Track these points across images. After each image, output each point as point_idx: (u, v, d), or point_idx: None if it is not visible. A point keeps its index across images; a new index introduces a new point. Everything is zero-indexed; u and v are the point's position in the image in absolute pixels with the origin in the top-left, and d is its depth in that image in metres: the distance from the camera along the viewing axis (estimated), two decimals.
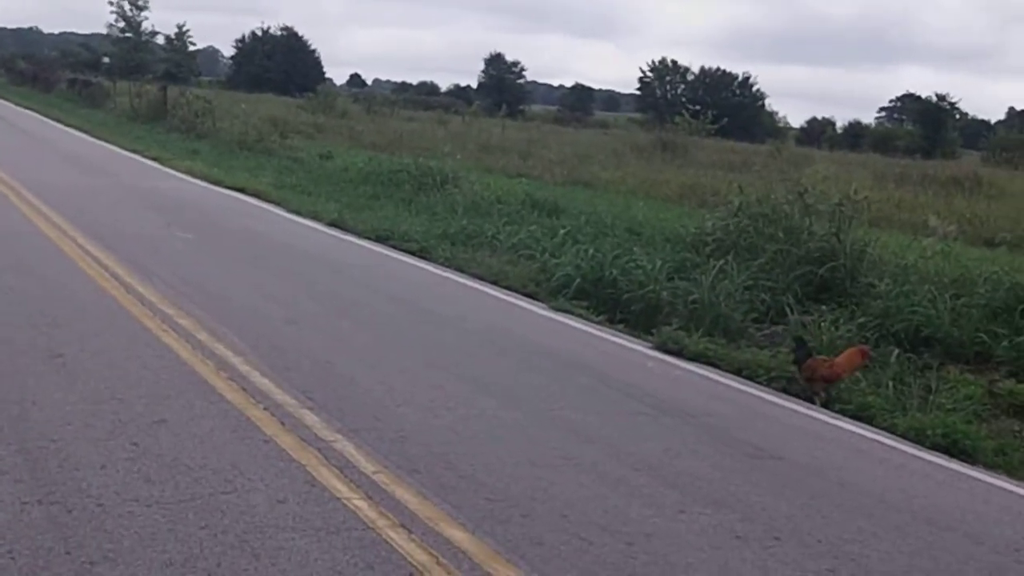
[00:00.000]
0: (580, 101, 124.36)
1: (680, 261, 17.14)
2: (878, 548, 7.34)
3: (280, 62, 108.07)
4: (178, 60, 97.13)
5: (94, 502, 6.71)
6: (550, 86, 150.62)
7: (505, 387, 10.59)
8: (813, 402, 11.45)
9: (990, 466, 10.09)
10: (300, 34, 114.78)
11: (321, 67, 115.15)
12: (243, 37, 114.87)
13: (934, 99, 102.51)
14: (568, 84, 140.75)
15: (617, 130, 78.00)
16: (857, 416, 11.17)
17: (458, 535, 6.73)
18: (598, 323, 14.48)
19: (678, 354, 12.95)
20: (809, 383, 11.77)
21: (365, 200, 24.88)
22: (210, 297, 13.20)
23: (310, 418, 8.75)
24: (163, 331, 11.17)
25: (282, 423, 8.55)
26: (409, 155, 32.89)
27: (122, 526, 6.40)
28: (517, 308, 15.04)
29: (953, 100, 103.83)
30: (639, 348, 13.28)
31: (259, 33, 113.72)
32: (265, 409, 8.87)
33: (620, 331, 14.23)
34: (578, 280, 16.03)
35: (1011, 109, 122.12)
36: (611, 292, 15.81)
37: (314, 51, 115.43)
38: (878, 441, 10.36)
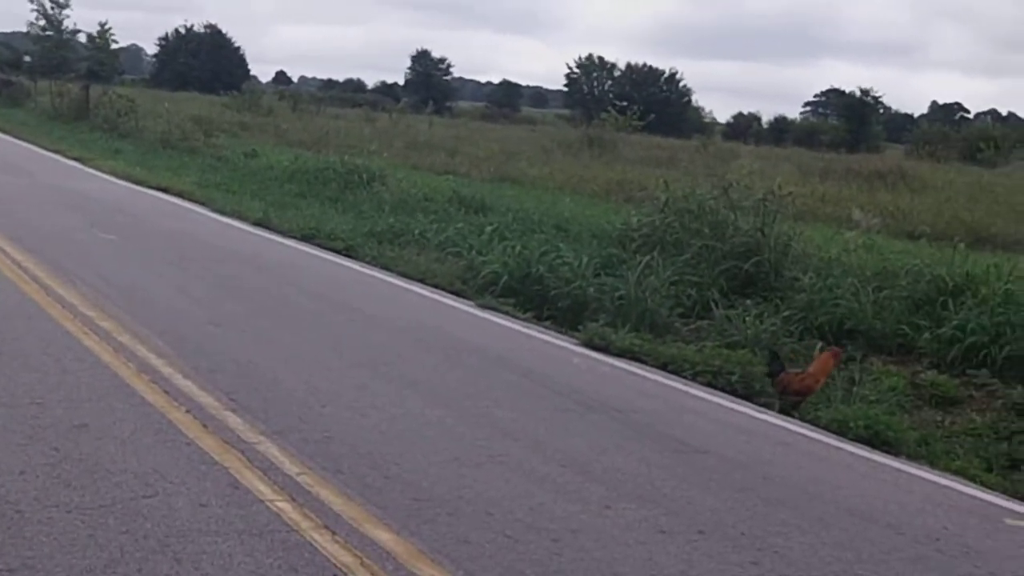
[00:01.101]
0: (508, 97, 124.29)
1: (607, 257, 17.20)
2: (801, 540, 7.40)
3: (204, 60, 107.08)
4: (100, 59, 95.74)
5: (12, 508, 6.60)
6: (477, 82, 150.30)
7: (431, 385, 10.57)
8: (791, 415, 11.20)
9: (912, 457, 10.21)
10: (224, 32, 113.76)
11: (246, 65, 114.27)
12: (167, 35, 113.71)
13: (858, 93, 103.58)
14: (495, 80, 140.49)
15: (545, 126, 78.11)
16: (781, 410, 11.25)
17: (383, 535, 6.69)
18: (525, 320, 14.50)
19: (604, 350, 12.98)
20: (783, 396, 11.67)
21: (291, 199, 24.74)
22: (132, 299, 13.05)
23: (233, 420, 8.67)
24: (84, 334, 11.03)
25: (205, 425, 8.46)
26: (335, 153, 32.75)
27: (42, 532, 6.30)
28: (444, 306, 15.01)
29: (877, 94, 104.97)
30: (566, 345, 13.31)
31: (183, 31, 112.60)
32: (187, 411, 8.78)
33: (547, 328, 14.25)
34: (505, 277, 16.04)
35: (934, 103, 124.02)
36: (538, 289, 15.84)
37: (239, 49, 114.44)
38: (802, 434, 10.45)
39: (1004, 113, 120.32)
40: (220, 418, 8.68)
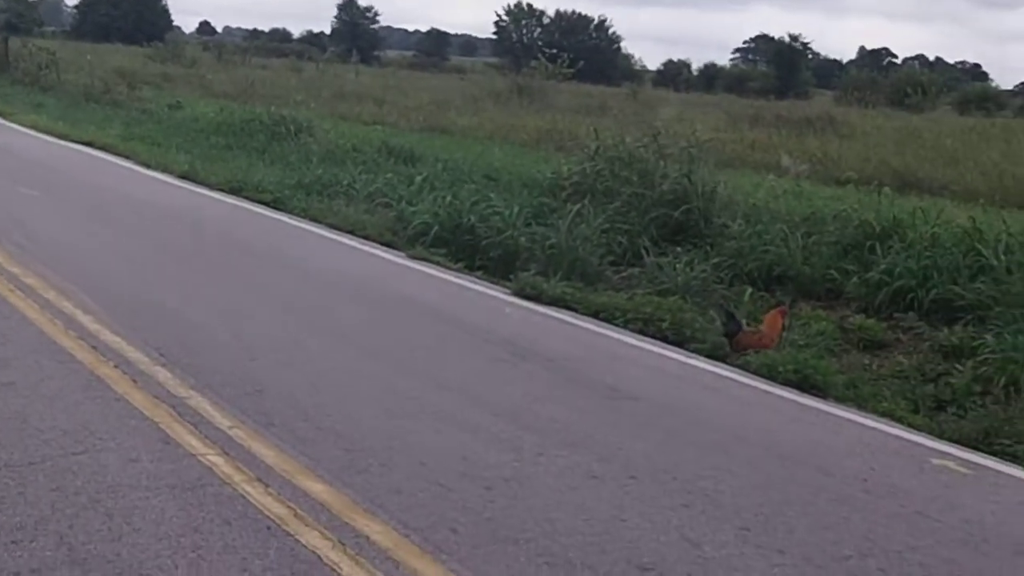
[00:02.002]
0: (436, 46, 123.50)
1: (538, 206, 17.18)
2: (731, 483, 7.49)
3: (127, 11, 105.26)
4: (19, 10, 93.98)
5: None
6: (405, 31, 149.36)
7: (363, 337, 10.55)
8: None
9: (840, 400, 10.33)
10: None
11: (169, 15, 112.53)
12: None
13: (787, 40, 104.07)
14: (424, 29, 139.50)
15: (474, 75, 77.67)
16: (712, 355, 11.33)
17: (316, 487, 6.69)
18: (456, 270, 14.48)
19: (536, 299, 13.00)
20: (741, 355, 11.59)
21: (217, 151, 24.47)
22: (58, 255, 12.88)
23: (163, 375, 8.60)
24: (9, 291, 10.87)
25: (134, 380, 8.40)
26: (262, 104, 32.42)
27: None
28: (375, 257, 14.95)
29: (805, 40, 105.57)
30: (498, 294, 13.31)
31: None
32: (116, 367, 8.70)
33: (479, 278, 14.25)
34: (436, 228, 15.99)
35: (862, 48, 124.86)
36: (469, 239, 15.81)
37: None
38: (732, 379, 10.55)
39: (931, 58, 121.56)
40: (150, 373, 8.61)
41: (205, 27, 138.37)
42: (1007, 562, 6.67)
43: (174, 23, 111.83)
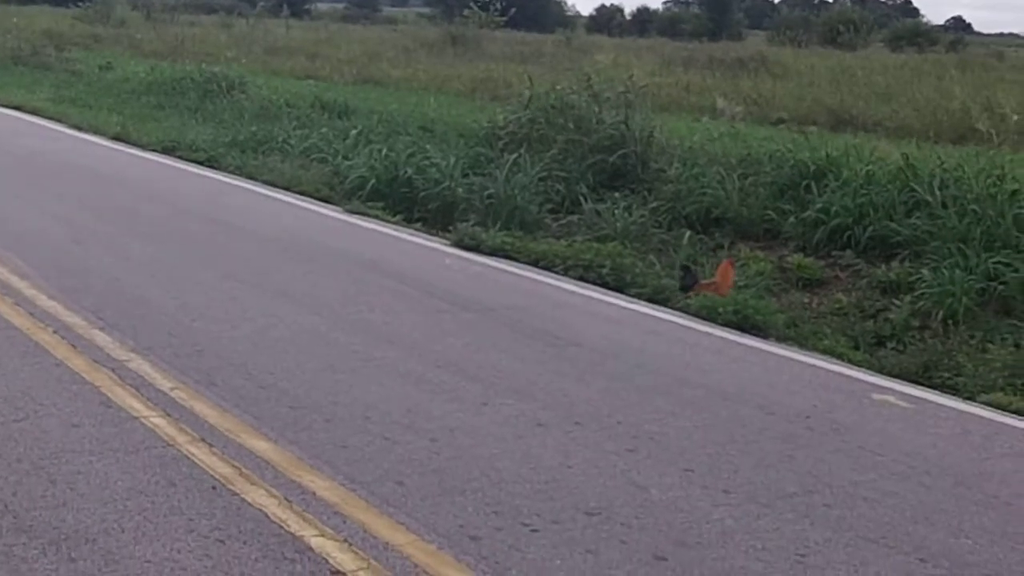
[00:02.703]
0: None
1: (475, 157, 17.13)
2: (675, 425, 7.54)
3: None
4: None
5: None
6: None
7: (303, 294, 10.49)
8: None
9: (781, 339, 10.43)
10: None
11: None
12: None
13: None
14: None
15: (406, 26, 77.00)
16: (652, 299, 11.39)
17: (261, 445, 6.67)
18: (395, 223, 14.43)
19: (476, 249, 12.99)
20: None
21: (149, 111, 24.18)
22: None
23: (101, 338, 8.53)
24: None
25: (73, 345, 8.32)
26: (193, 62, 31.94)
27: None
28: (312, 213, 14.86)
29: None
30: (437, 246, 13.29)
31: None
32: (54, 332, 8.61)
33: (418, 230, 14.22)
34: (372, 181, 15.90)
35: None
36: (407, 192, 15.76)
37: None
38: (673, 322, 10.60)
39: None
40: (88, 337, 8.53)
41: None
42: (949, 493, 6.76)
43: None
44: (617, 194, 15.39)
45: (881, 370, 9.68)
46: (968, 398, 9.00)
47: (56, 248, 11.68)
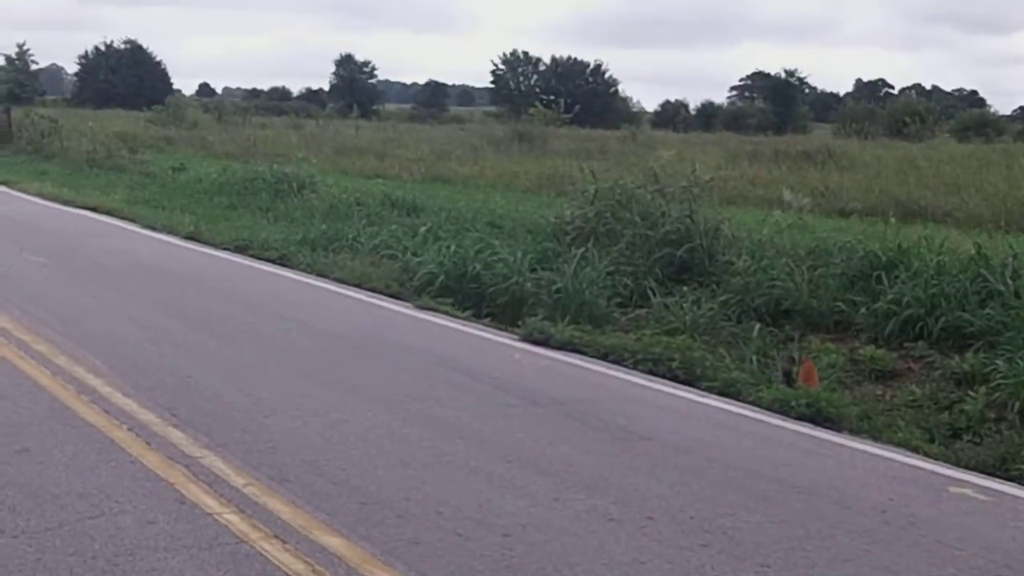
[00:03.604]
0: (434, 97, 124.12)
1: (542, 251, 17.21)
2: (749, 520, 7.46)
3: (126, 76, 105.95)
4: (21, 80, 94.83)
5: None
6: (403, 84, 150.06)
7: (373, 390, 10.54)
8: None
9: (855, 432, 10.30)
10: (144, 46, 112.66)
11: (168, 78, 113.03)
12: (86, 53, 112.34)
13: (783, 75, 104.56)
14: (421, 81, 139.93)
15: (473, 124, 78.04)
16: (723, 392, 11.32)
17: (333, 541, 6.68)
18: (464, 319, 14.49)
19: (545, 344, 13.01)
20: None
21: (221, 211, 24.57)
22: (66, 321, 12.92)
23: (176, 435, 8.61)
24: (20, 358, 10.91)
25: (147, 443, 8.40)
26: (264, 162, 32.51)
27: None
28: (381, 309, 14.97)
29: (802, 75, 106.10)
30: (506, 341, 13.32)
31: (102, 48, 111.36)
32: (129, 430, 8.71)
33: (486, 325, 14.27)
34: (441, 277, 16.02)
35: (859, 80, 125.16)
36: (475, 287, 15.85)
37: (160, 63, 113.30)
38: (744, 415, 10.53)
39: (928, 87, 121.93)
40: (163, 434, 8.62)
41: (204, 89, 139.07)
42: None
43: (174, 86, 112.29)
44: (685, 287, 15.38)
45: (957, 463, 9.52)
46: None
47: (131, 347, 11.84)
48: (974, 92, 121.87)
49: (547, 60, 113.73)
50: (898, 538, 7.31)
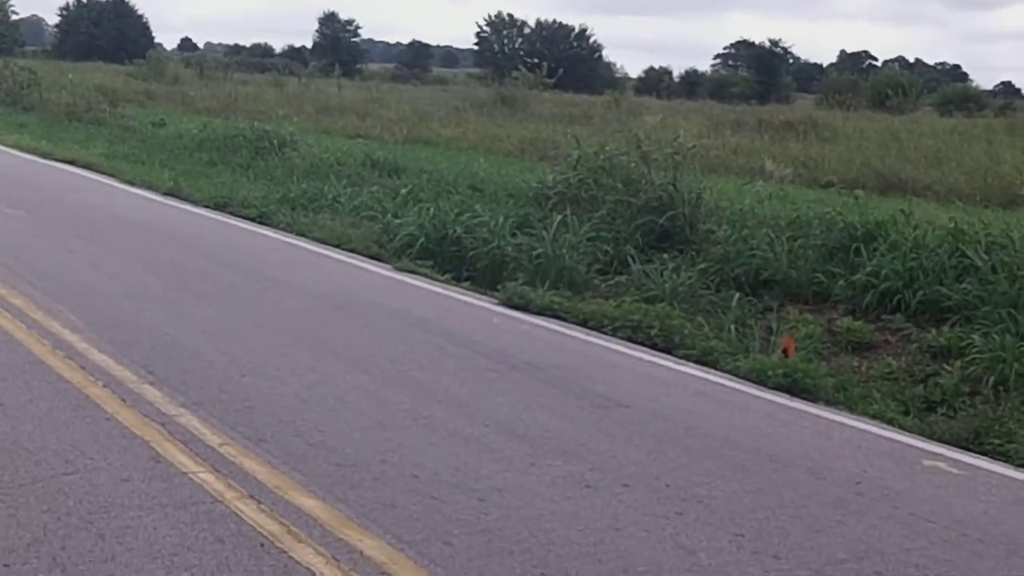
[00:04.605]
0: (418, 58, 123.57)
1: (523, 216, 17.18)
2: (724, 488, 7.49)
3: (107, 29, 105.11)
4: (0, 31, 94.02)
5: None
6: (387, 43, 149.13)
7: (352, 351, 10.53)
8: None
9: (831, 403, 10.34)
10: (127, 0, 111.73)
11: (150, 33, 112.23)
12: (67, 5, 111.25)
13: (767, 45, 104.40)
14: (405, 41, 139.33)
15: (456, 86, 77.71)
16: (701, 360, 11.34)
17: (309, 503, 6.68)
18: (444, 282, 14.47)
19: (524, 309, 13.00)
20: None
21: (201, 167, 24.46)
22: (44, 275, 12.84)
23: (152, 393, 8.59)
24: None
25: (123, 400, 8.38)
26: (245, 119, 32.37)
27: None
28: (361, 270, 14.94)
29: (786, 45, 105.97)
30: (485, 305, 13.31)
31: (84, 0, 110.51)
32: (105, 386, 8.68)
33: (466, 289, 14.24)
34: (421, 239, 15.98)
35: (843, 52, 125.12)
36: (455, 250, 15.82)
37: (142, 16, 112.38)
38: (722, 384, 10.55)
39: (911, 60, 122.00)
40: (138, 392, 8.59)
41: (186, 43, 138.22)
42: (1002, 561, 6.68)
43: (155, 40, 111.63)
44: (666, 255, 15.37)
45: (931, 436, 9.57)
46: (1020, 465, 8.87)
47: (109, 303, 11.79)
48: (957, 66, 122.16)
49: (532, 24, 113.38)
50: (871, 509, 7.35)
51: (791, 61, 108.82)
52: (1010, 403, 10.54)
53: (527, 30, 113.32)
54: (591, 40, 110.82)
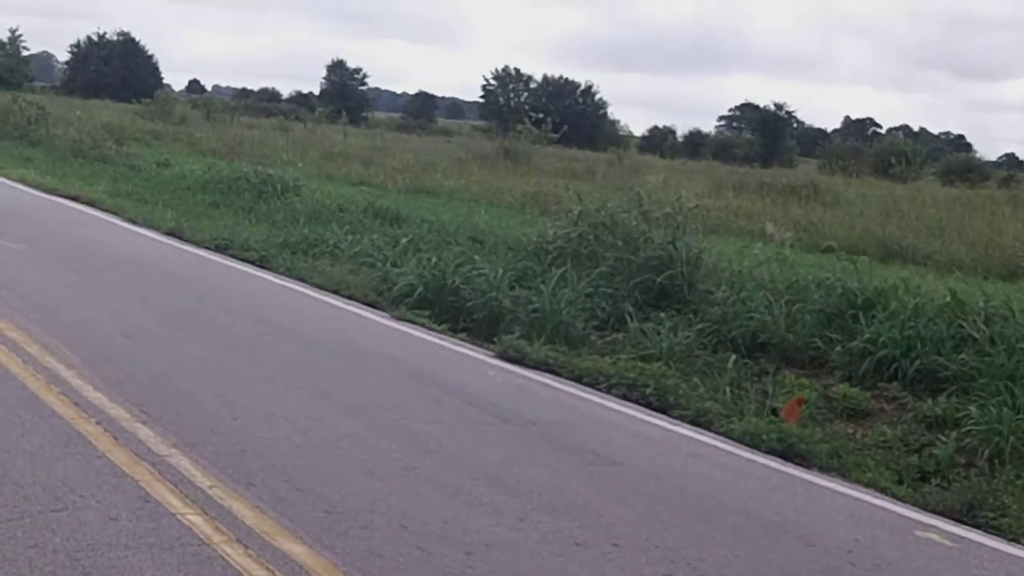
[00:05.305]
0: (423, 108, 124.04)
1: (522, 269, 17.19)
2: (714, 552, 7.45)
3: (117, 67, 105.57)
4: (11, 65, 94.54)
5: None
6: (393, 93, 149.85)
7: (346, 397, 10.50)
8: None
9: (824, 469, 10.30)
10: (137, 39, 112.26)
11: (159, 73, 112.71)
12: (79, 42, 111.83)
13: (772, 108, 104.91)
14: (411, 91, 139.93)
15: (461, 137, 78.04)
16: (695, 422, 11.31)
17: (296, 549, 6.64)
18: (440, 332, 14.45)
19: (520, 362, 12.98)
20: None
21: (203, 208, 24.49)
22: (41, 310, 12.84)
23: (144, 432, 8.56)
24: None
25: (115, 438, 8.34)
26: (249, 163, 32.45)
27: None
28: (359, 318, 14.93)
29: (790, 109, 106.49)
30: (481, 357, 13.29)
31: (95, 38, 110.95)
32: (98, 423, 8.65)
33: (462, 340, 14.23)
34: (420, 289, 15.97)
35: (847, 118, 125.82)
36: (453, 301, 15.81)
37: (151, 56, 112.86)
38: (715, 446, 10.52)
39: (916, 128, 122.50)
40: (131, 430, 8.56)
41: (194, 85, 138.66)
42: None
43: (164, 80, 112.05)
44: (663, 314, 15.35)
45: (925, 506, 9.53)
46: (1013, 540, 8.85)
47: (105, 340, 11.77)
48: (961, 136, 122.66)
49: (538, 78, 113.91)
50: None
51: (795, 125, 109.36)
52: (1005, 476, 10.50)
53: (533, 85, 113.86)
54: (596, 97, 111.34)
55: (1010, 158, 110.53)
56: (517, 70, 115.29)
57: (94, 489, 7.27)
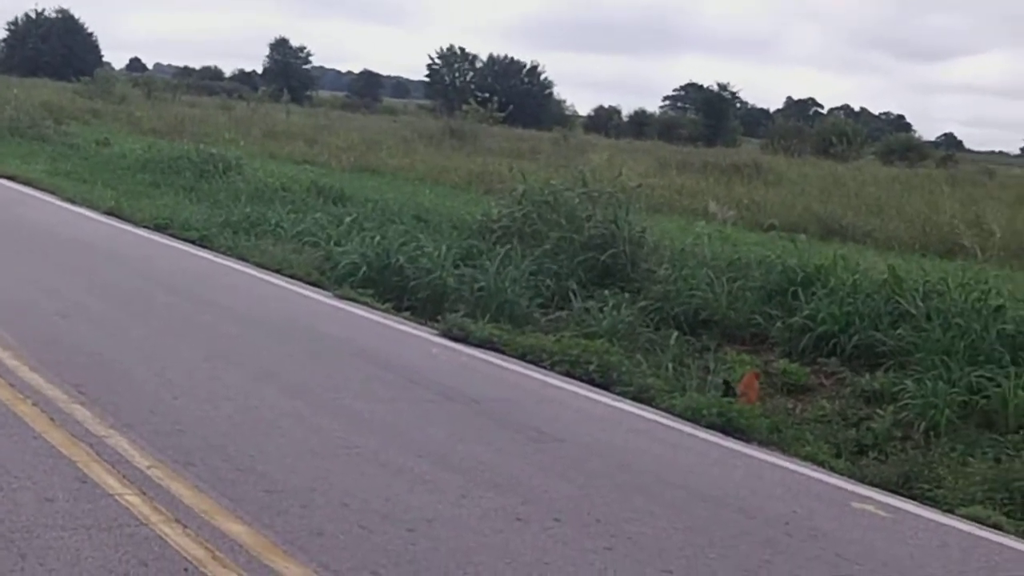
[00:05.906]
0: (368, 87, 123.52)
1: (467, 248, 17.18)
2: (655, 525, 7.50)
3: (56, 45, 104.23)
4: None
5: None
6: (338, 72, 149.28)
7: (287, 377, 10.46)
8: None
9: (764, 443, 10.39)
10: (76, 17, 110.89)
11: (99, 51, 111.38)
12: (16, 19, 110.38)
13: (716, 88, 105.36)
14: (356, 70, 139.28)
15: (406, 117, 77.85)
16: (637, 398, 11.37)
17: (235, 528, 6.61)
18: (384, 311, 14.42)
19: (464, 340, 12.98)
20: None
21: (144, 188, 24.28)
22: None
23: (81, 413, 8.48)
24: None
25: (52, 419, 8.26)
26: (191, 141, 32.21)
27: None
28: (301, 297, 14.86)
29: (734, 89, 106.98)
30: (425, 335, 13.28)
31: (33, 15, 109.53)
32: (34, 404, 8.56)
33: (406, 318, 14.21)
34: (364, 268, 15.93)
35: (789, 98, 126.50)
36: (397, 280, 15.78)
37: (91, 34, 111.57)
38: (657, 421, 10.58)
39: (856, 109, 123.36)
40: (68, 411, 8.48)
41: (135, 63, 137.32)
42: None
43: (104, 59, 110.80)
44: (606, 292, 15.40)
45: (862, 479, 9.65)
46: (947, 510, 8.97)
47: (41, 320, 11.65)
48: (901, 116, 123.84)
49: (484, 58, 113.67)
50: (800, 550, 7.38)
51: (739, 105, 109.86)
52: (940, 448, 10.66)
53: (479, 64, 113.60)
54: (542, 76, 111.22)
55: (949, 138, 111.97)
56: (463, 49, 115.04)
57: (30, 470, 7.19)
